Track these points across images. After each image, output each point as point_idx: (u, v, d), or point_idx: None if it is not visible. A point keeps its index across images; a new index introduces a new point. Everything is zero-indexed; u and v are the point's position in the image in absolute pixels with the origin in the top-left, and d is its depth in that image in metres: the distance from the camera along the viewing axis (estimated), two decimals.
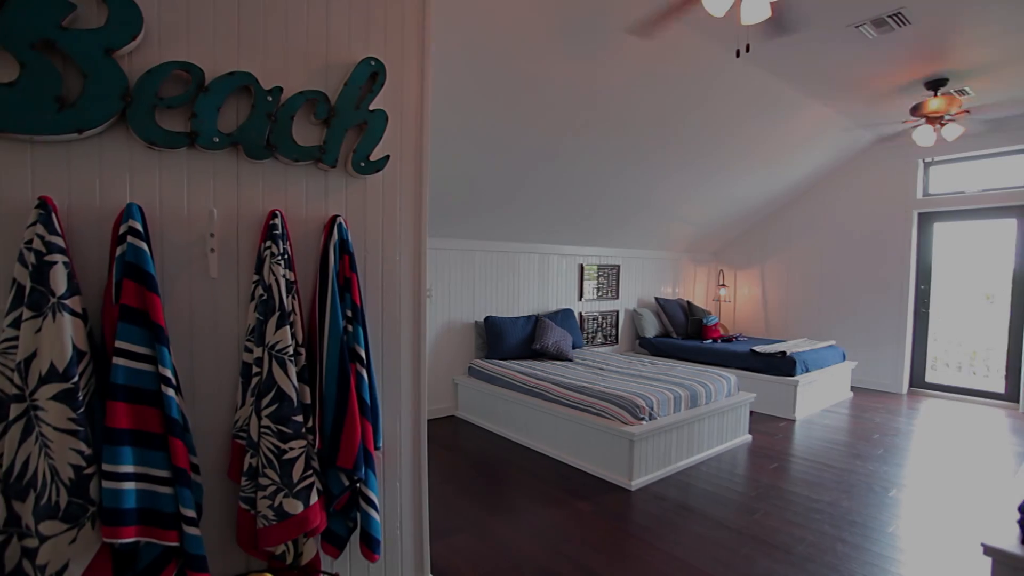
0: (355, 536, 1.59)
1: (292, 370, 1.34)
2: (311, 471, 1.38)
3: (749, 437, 4.11)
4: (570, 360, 4.71)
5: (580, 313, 5.77)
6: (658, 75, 3.62)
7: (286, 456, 1.32)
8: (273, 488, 1.32)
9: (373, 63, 1.49)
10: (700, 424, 3.64)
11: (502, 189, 4.30)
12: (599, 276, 5.96)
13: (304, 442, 1.36)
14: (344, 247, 1.51)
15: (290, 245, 1.44)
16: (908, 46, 3.51)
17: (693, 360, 5.55)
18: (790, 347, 5.12)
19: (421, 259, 1.76)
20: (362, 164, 1.54)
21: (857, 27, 3.23)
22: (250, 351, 1.38)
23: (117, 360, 1.14)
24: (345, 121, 1.48)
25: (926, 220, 5.79)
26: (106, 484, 1.11)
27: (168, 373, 1.18)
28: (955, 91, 4.21)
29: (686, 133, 4.47)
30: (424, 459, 1.85)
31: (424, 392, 1.82)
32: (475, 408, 4.51)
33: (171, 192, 1.30)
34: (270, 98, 1.35)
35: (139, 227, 1.18)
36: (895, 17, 3.11)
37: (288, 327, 1.35)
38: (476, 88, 3.24)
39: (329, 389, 1.46)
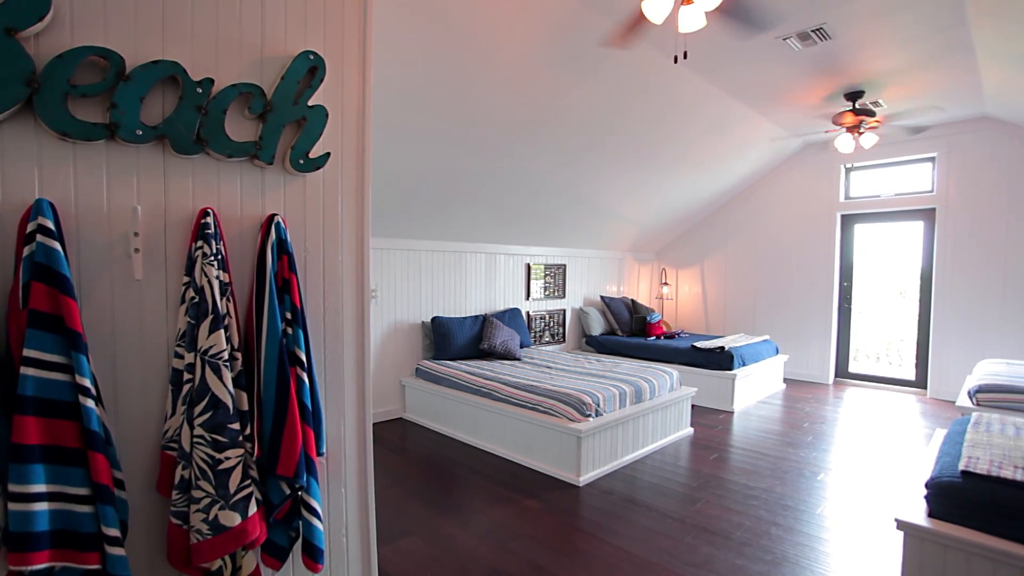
0: (298, 546, 1.53)
1: (227, 376, 1.28)
2: (249, 481, 1.32)
3: (691, 430, 4.27)
4: (518, 359, 4.73)
5: (528, 312, 5.81)
6: (601, 78, 3.70)
7: (222, 466, 1.26)
8: (208, 500, 1.25)
9: (312, 57, 1.44)
10: (645, 419, 3.75)
11: (449, 189, 4.28)
12: (546, 275, 6.03)
13: (241, 451, 1.30)
14: (282, 247, 1.45)
15: (224, 245, 1.37)
16: (829, 59, 3.75)
17: (638, 357, 5.72)
18: (728, 342, 5.36)
19: (364, 259, 1.72)
20: (301, 161, 1.49)
21: (785, 39, 3.42)
22: (181, 357, 1.30)
23: (25, 370, 1.05)
24: (282, 117, 1.42)
25: (848, 222, 6.22)
26: (13, 506, 1.02)
27: (87, 383, 1.09)
28: (870, 102, 4.54)
29: (628, 136, 4.60)
30: (370, 463, 1.81)
31: (369, 395, 1.78)
32: (423, 409, 4.45)
33: (88, 188, 1.20)
34: (200, 90, 1.28)
35: (50, 225, 1.09)
36: (818, 32, 3.31)
37: (223, 331, 1.28)
38: (422, 87, 3.20)
39: (268, 395, 1.40)
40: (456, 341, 4.66)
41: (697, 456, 3.74)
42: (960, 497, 1.94)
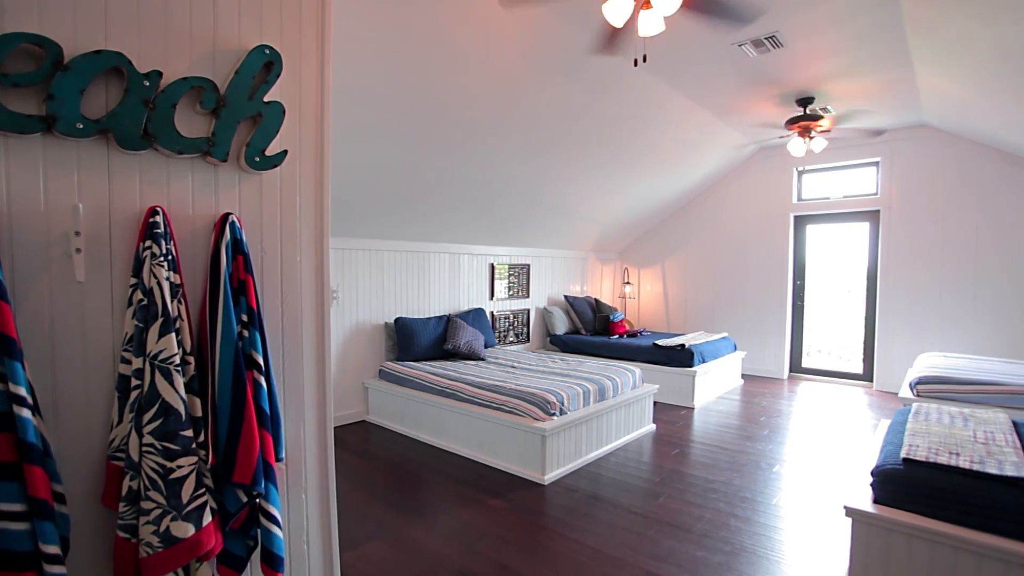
0: (256, 555, 1.49)
1: (179, 381, 1.23)
2: (203, 490, 1.27)
3: (653, 426, 4.36)
4: (482, 359, 4.73)
5: (492, 312, 5.81)
6: (562, 79, 3.73)
7: (173, 475, 1.21)
8: (158, 512, 1.20)
9: (268, 51, 1.40)
10: (608, 416, 3.80)
11: (412, 188, 4.23)
12: (510, 275, 6.04)
13: (194, 459, 1.25)
14: (238, 247, 1.41)
15: (175, 245, 1.32)
16: (781, 66, 3.89)
17: (601, 355, 5.79)
18: (689, 340, 5.49)
19: (324, 259, 1.68)
20: (257, 159, 1.44)
21: (740, 46, 3.53)
22: (128, 362, 1.24)
23: None
24: (237, 112, 1.38)
25: (800, 222, 6.47)
26: None
27: (22, 391, 1.03)
28: (820, 108, 4.74)
29: (590, 137, 4.65)
30: (331, 467, 1.77)
31: (330, 398, 1.75)
32: (386, 411, 4.39)
33: (22, 184, 1.13)
34: (147, 83, 1.22)
35: None
36: (770, 39, 3.43)
37: (173, 334, 1.23)
38: (383, 86, 3.15)
39: (223, 399, 1.35)
40: (420, 342, 4.62)
41: (659, 452, 3.82)
42: (902, 483, 2.04)
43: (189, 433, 1.24)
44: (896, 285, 5.67)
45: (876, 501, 2.09)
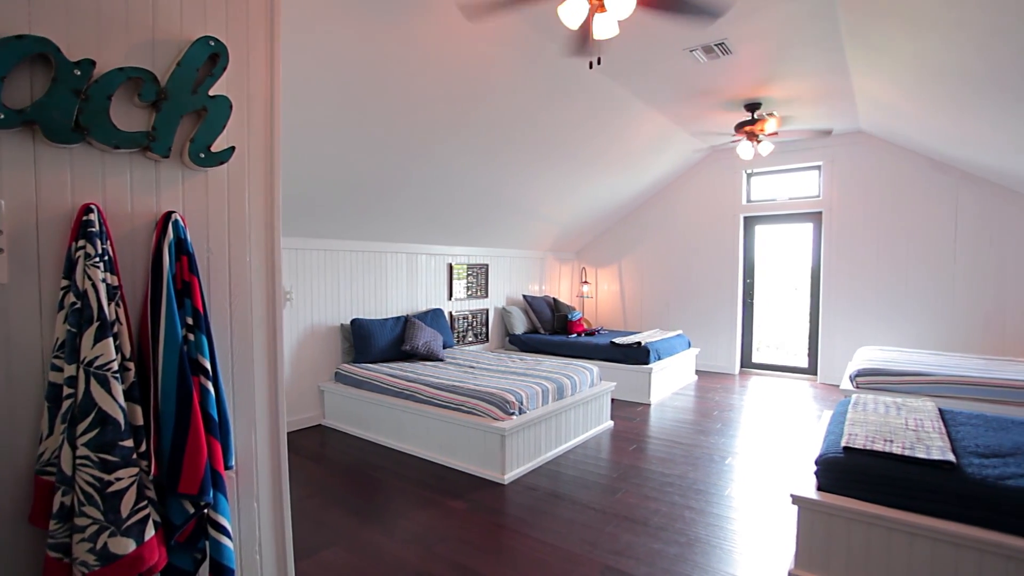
0: (205, 568, 1.42)
1: (117, 388, 1.16)
2: (146, 502, 1.20)
3: (611, 423, 4.43)
4: (441, 360, 4.69)
5: (450, 312, 5.78)
6: (522, 80, 3.75)
7: (112, 488, 1.14)
8: (95, 528, 1.13)
9: (212, 43, 1.34)
10: (567, 414, 3.84)
11: (368, 188, 4.16)
12: (468, 275, 6.02)
13: (135, 470, 1.18)
14: (182, 247, 1.34)
15: (112, 245, 1.24)
16: (730, 72, 4.04)
17: (560, 354, 5.85)
18: (645, 338, 5.62)
19: (275, 259, 1.63)
20: (202, 155, 1.38)
21: (691, 51, 3.64)
22: (59, 370, 1.17)
23: None
24: (179, 106, 1.31)
25: (749, 223, 6.73)
26: None
27: None
28: (767, 114, 4.93)
29: (547, 137, 4.69)
30: (285, 474, 1.72)
31: (283, 402, 1.69)
32: (343, 415, 4.30)
33: None
34: (78, 72, 1.15)
35: None
36: (720, 46, 3.55)
37: (111, 339, 1.16)
38: (340, 83, 3.08)
39: (167, 407, 1.29)
40: (377, 343, 4.54)
41: (617, 448, 3.89)
42: (843, 471, 2.15)
43: (129, 443, 1.17)
44: (837, 283, 5.98)
45: (820, 488, 2.20)
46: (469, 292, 6.03)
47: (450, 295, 5.78)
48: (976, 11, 2.49)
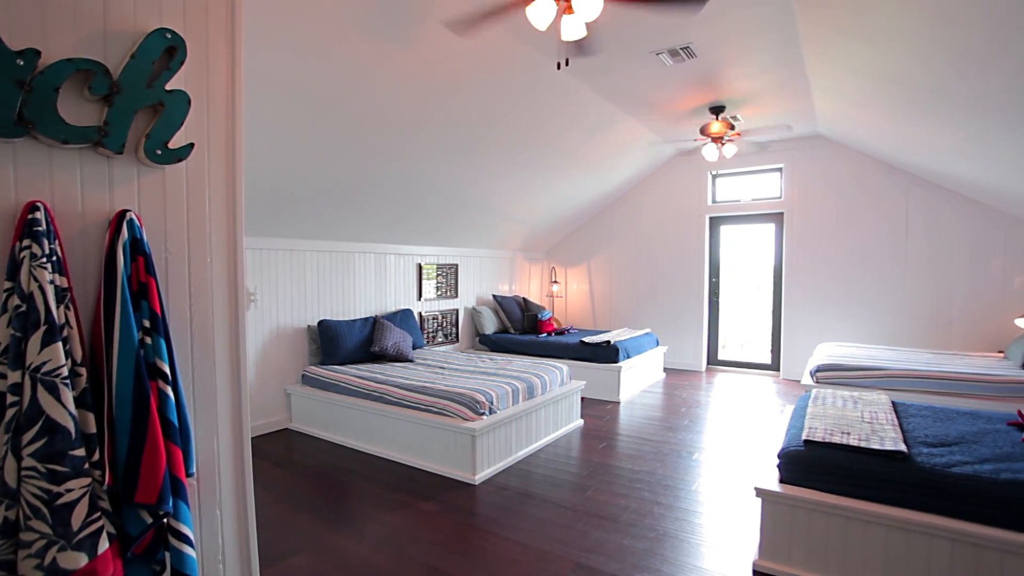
0: None
1: (67, 395, 1.11)
2: (99, 513, 1.15)
3: (581, 421, 4.47)
4: (410, 361, 4.65)
5: (420, 313, 5.73)
6: (490, 80, 3.74)
7: (61, 500, 1.09)
8: (42, 543, 1.07)
9: (169, 35, 1.29)
10: (537, 414, 3.86)
11: (335, 187, 4.09)
12: (438, 275, 5.99)
13: (87, 480, 1.13)
14: (137, 247, 1.29)
15: (60, 245, 1.19)
16: (695, 76, 4.12)
17: (530, 354, 5.87)
18: (614, 337, 5.69)
19: (237, 259, 1.58)
20: (158, 152, 1.33)
21: (657, 55, 3.70)
22: (3, 376, 1.11)
23: None
24: (134, 100, 1.26)
25: (715, 223, 6.89)
26: None
27: None
28: (731, 117, 5.06)
29: (516, 138, 4.70)
30: (249, 479, 1.67)
31: (246, 406, 1.65)
32: (311, 418, 4.21)
33: None
34: (20, 62, 1.09)
35: None
36: (685, 50, 3.62)
37: (60, 344, 1.11)
38: (307, 81, 3.01)
39: (122, 413, 1.23)
40: (345, 345, 4.47)
41: (587, 446, 3.93)
42: (804, 463, 2.23)
43: (80, 452, 1.12)
44: (798, 281, 6.18)
45: (782, 481, 2.27)
46: (439, 292, 5.99)
47: (420, 295, 5.74)
48: (918, 24, 2.61)
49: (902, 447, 2.13)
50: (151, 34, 1.27)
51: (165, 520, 1.31)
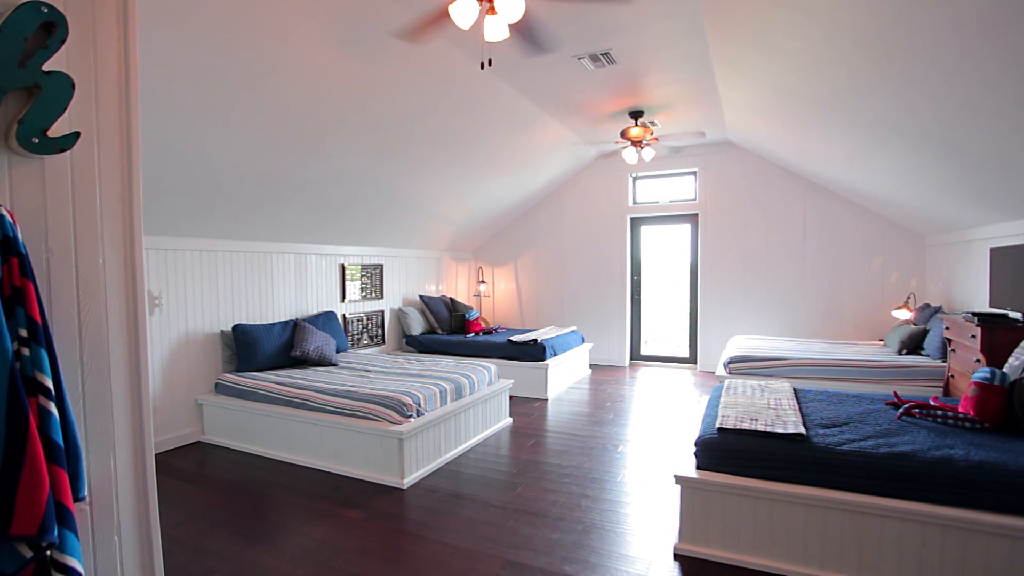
0: None
1: None
2: None
3: (510, 420, 4.51)
4: (334, 365, 4.49)
5: (344, 315, 5.54)
6: (414, 78, 3.68)
7: None
8: None
9: (46, 10, 1.16)
10: (466, 414, 3.85)
11: (251, 185, 3.85)
12: (363, 276, 5.82)
13: None
14: (10, 247, 1.15)
15: None
16: (615, 81, 4.27)
17: (458, 354, 5.84)
18: (541, 335, 5.78)
19: (136, 260, 1.45)
20: (35, 140, 1.19)
21: (579, 59, 3.80)
22: None
23: None
24: (1, 81, 1.12)
25: (636, 223, 7.18)
26: None
27: None
28: (649, 122, 5.30)
29: (440, 136, 4.66)
30: (153, 500, 1.54)
31: (149, 419, 1.51)
32: (226, 429, 3.95)
33: None
34: None
35: None
36: (605, 56, 3.74)
37: None
38: (218, 71, 2.81)
39: None
40: (263, 350, 4.23)
41: (516, 444, 3.96)
42: (718, 449, 2.37)
43: None
44: (712, 279, 6.58)
45: (699, 467, 2.40)
46: (364, 293, 5.82)
47: (343, 297, 5.54)
48: (815, 41, 2.85)
49: (802, 429, 2.32)
50: (22, 7, 1.13)
51: (48, 553, 1.17)
